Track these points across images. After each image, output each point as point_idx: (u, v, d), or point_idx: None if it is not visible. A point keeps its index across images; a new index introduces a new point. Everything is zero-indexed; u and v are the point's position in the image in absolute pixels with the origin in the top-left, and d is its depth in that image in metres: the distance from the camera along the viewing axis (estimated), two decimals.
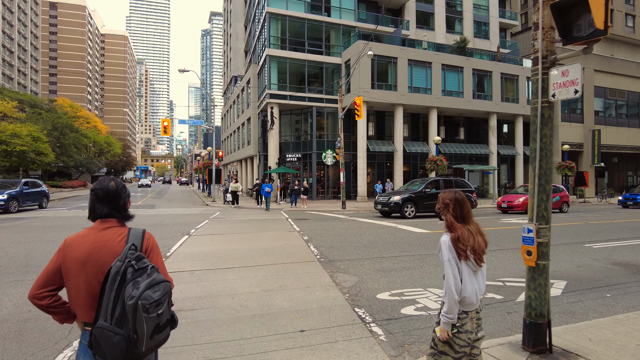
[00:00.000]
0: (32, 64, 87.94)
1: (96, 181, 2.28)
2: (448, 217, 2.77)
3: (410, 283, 6.79)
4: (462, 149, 35.18)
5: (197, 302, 5.70)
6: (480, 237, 2.71)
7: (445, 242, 2.65)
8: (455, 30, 38.57)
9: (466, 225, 2.72)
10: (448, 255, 2.60)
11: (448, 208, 2.79)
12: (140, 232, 2.18)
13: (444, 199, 2.84)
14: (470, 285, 2.61)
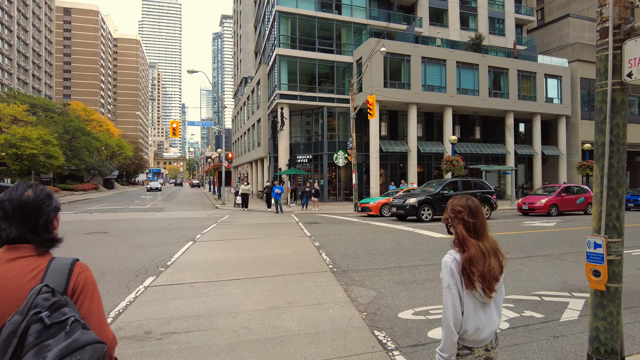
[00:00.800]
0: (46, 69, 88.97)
1: (6, 190, 1.57)
2: (459, 230, 2.15)
3: (436, 298, 6.00)
4: (478, 148, 34.11)
5: (194, 322, 5.00)
6: (495, 259, 2.12)
7: (447, 263, 2.08)
8: (470, 27, 37.51)
9: (480, 242, 2.12)
10: (448, 280, 2.05)
11: (459, 218, 2.18)
12: (66, 264, 1.49)
13: (454, 207, 2.21)
14: (475, 320, 2.06)
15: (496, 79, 33.55)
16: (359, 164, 30.01)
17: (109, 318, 5.11)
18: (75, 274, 1.48)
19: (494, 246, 2.16)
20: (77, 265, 1.52)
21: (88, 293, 1.48)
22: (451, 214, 2.22)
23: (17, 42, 75.06)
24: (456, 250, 2.13)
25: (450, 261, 2.07)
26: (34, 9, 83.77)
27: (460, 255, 2.09)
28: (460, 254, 2.10)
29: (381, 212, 19.38)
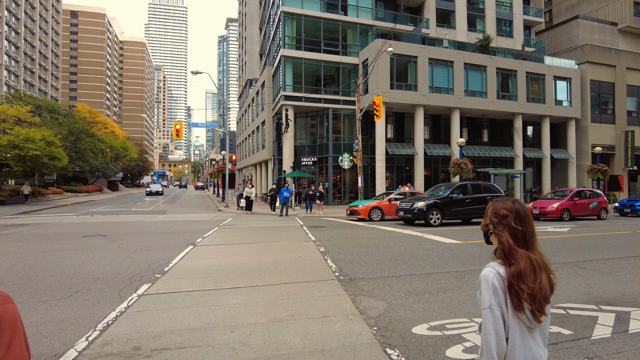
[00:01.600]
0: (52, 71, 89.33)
1: None
2: (505, 239, 1.76)
3: (451, 310, 5.52)
4: (486, 151, 33.54)
5: (188, 336, 4.55)
6: (545, 274, 1.74)
7: (488, 278, 1.69)
8: (477, 29, 37.03)
9: (529, 253, 1.74)
10: (490, 299, 1.66)
11: (504, 224, 1.79)
12: None
13: (497, 211, 1.81)
14: (522, 349, 1.67)
15: (504, 80, 33.01)
16: (365, 166, 29.54)
17: (96, 331, 4.68)
18: None
19: (544, 259, 1.76)
20: None
21: (4, 337, 1.04)
22: (494, 218, 1.81)
23: (24, 45, 75.38)
24: (499, 263, 1.73)
25: (492, 276, 1.67)
26: (41, 12, 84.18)
27: (505, 268, 1.69)
28: (504, 267, 1.69)
29: (370, 216, 18.73)
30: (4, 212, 23.73)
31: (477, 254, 9.70)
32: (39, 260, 8.90)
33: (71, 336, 4.56)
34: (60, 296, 6.13)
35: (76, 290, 6.46)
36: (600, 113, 35.37)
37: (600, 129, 35.04)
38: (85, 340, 4.42)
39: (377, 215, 18.84)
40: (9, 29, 69.88)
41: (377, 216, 18.82)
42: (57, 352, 4.16)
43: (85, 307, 5.62)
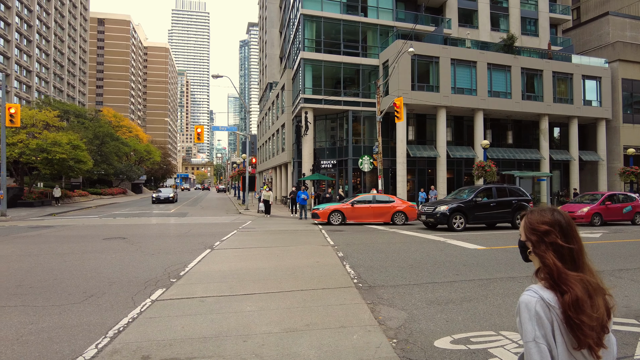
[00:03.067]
0: (80, 77, 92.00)
1: None
2: (550, 261, 1.46)
3: (476, 322, 5.18)
4: (511, 154, 32.60)
5: (199, 346, 4.37)
6: (601, 297, 1.45)
7: (530, 305, 1.41)
8: (501, 28, 36.12)
9: (581, 275, 1.44)
10: (534, 330, 1.38)
11: (547, 243, 1.49)
12: None
13: (535, 226, 1.51)
14: None
15: (529, 81, 32.04)
16: (385, 169, 29.11)
17: (107, 338, 4.55)
18: None
19: (598, 279, 1.47)
20: None
21: None
22: (532, 236, 1.52)
23: (53, 52, 77.87)
24: (542, 286, 1.44)
25: (534, 302, 1.39)
26: (70, 20, 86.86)
27: (554, 294, 1.40)
28: (551, 291, 1.41)
29: (329, 220, 18.25)
30: (32, 213, 24.36)
31: (503, 261, 9.26)
32: (58, 262, 8.95)
33: (81, 343, 4.45)
34: (74, 300, 6.07)
35: (91, 294, 6.40)
36: (633, 113, 33.92)
37: (633, 129, 33.59)
38: (94, 348, 4.30)
39: (337, 219, 18.36)
40: (39, 37, 72.33)
41: (336, 220, 18.35)
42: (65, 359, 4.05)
43: (98, 312, 5.53)
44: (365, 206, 18.80)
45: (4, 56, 61.33)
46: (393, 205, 18.79)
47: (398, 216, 18.52)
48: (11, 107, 20.85)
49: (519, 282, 7.28)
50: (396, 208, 18.65)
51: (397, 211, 18.56)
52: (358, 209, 18.68)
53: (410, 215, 18.61)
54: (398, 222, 18.46)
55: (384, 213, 18.63)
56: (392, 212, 18.56)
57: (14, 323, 5.08)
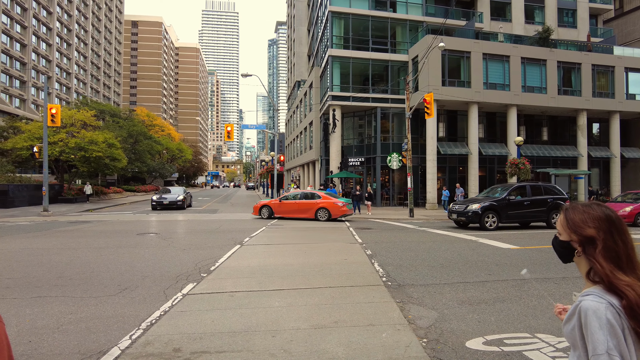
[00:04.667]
0: (115, 78, 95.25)
1: None
2: (598, 261, 1.34)
3: (510, 323, 5.01)
4: (546, 151, 31.46)
5: (228, 340, 4.42)
6: None
7: (599, 312, 1.26)
8: (536, 20, 34.85)
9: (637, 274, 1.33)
10: (606, 341, 1.22)
11: (596, 240, 1.36)
12: None
13: (578, 223, 1.39)
14: None
15: (566, 75, 30.77)
16: (415, 167, 28.68)
17: (140, 329, 4.68)
18: None
19: None
20: None
21: None
22: (576, 235, 1.40)
23: (91, 54, 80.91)
24: (602, 289, 1.32)
25: (603, 308, 1.26)
26: (106, 23, 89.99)
27: (617, 299, 1.29)
28: (616, 297, 1.29)
29: (260, 213, 19.92)
30: (71, 209, 25.43)
31: (538, 261, 8.94)
32: (94, 256, 9.29)
33: (116, 334, 4.59)
34: (110, 292, 6.27)
35: (125, 287, 6.60)
36: None
37: None
38: (128, 339, 4.42)
39: (265, 213, 19.87)
40: (78, 41, 75.31)
41: (265, 214, 19.84)
42: (101, 349, 4.18)
43: (131, 304, 5.69)
44: (291, 202, 19.81)
45: (46, 59, 64.20)
46: (317, 202, 19.22)
47: (321, 212, 18.94)
48: (52, 107, 21.79)
49: (555, 284, 7.01)
50: (319, 204, 19.06)
51: (320, 207, 18.97)
52: (285, 205, 19.79)
53: (333, 212, 18.79)
54: (321, 217, 18.87)
55: (308, 209, 19.27)
56: (316, 208, 19.07)
57: (55, 312, 5.30)
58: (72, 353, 4.09)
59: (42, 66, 62.67)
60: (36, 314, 5.24)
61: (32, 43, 59.42)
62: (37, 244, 11.02)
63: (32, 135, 29.88)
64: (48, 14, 64.89)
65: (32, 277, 7.22)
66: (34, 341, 4.37)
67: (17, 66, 56.98)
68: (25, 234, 13.22)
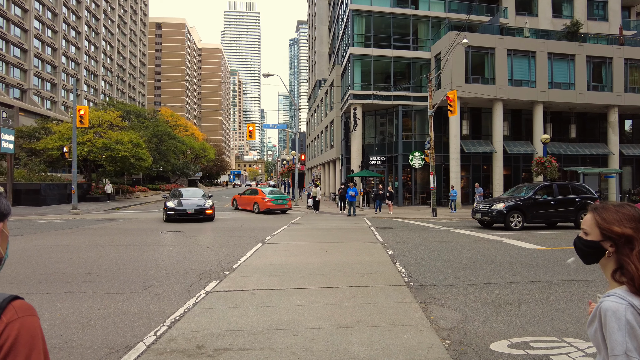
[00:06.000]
0: (140, 79, 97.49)
1: None
2: (634, 262, 1.28)
3: (536, 326, 4.89)
4: (574, 149, 30.52)
5: (250, 337, 4.47)
6: None
7: (619, 313, 1.23)
8: (564, 14, 33.80)
9: None
10: (625, 342, 1.20)
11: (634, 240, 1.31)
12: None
13: (616, 222, 1.34)
14: None
15: (596, 70, 29.75)
16: (438, 165, 28.29)
17: (164, 326, 4.77)
18: (1, 325, 0.93)
19: None
20: (9, 310, 0.95)
21: (20, 355, 0.92)
22: (610, 235, 1.35)
23: (117, 57, 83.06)
24: (626, 290, 1.28)
25: (623, 309, 1.23)
26: (131, 26, 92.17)
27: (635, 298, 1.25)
28: (638, 298, 1.25)
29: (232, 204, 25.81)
30: (98, 207, 26.18)
31: (565, 262, 8.68)
32: (121, 253, 9.54)
33: (142, 329, 4.69)
34: (135, 289, 6.43)
35: (150, 284, 6.74)
36: None
37: None
38: (153, 335, 4.51)
39: (234, 204, 25.56)
40: (105, 44, 77.42)
41: (234, 205, 25.52)
42: (128, 344, 4.29)
43: (156, 301, 5.81)
44: (244, 197, 24.33)
45: (75, 62, 66.24)
46: (254, 197, 22.99)
47: (255, 205, 22.63)
48: (81, 109, 22.48)
49: (584, 286, 6.79)
50: (254, 199, 22.83)
51: (254, 202, 22.78)
52: (241, 199, 24.66)
53: (261, 206, 22.07)
54: (254, 210, 22.63)
55: (250, 202, 23.25)
56: (253, 202, 22.93)
57: (84, 308, 5.47)
58: (101, 347, 4.21)
59: (71, 69, 64.70)
60: (67, 309, 5.41)
61: (62, 47, 61.39)
62: (67, 241, 11.39)
63: (62, 136, 30.85)
64: (77, 18, 66.92)
65: (63, 273, 7.47)
66: (65, 335, 4.52)
67: (48, 69, 58.99)
68: (56, 231, 13.69)
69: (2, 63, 49.07)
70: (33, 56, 54.44)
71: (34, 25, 54.35)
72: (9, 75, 50.29)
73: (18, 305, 0.99)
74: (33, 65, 54.51)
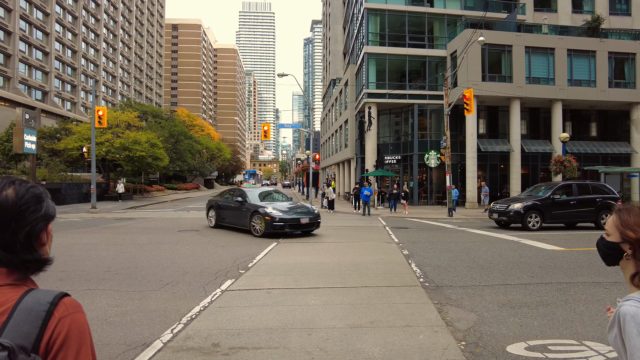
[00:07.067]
0: (156, 80, 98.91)
1: None
2: None
3: (555, 329, 4.79)
4: (594, 147, 29.83)
5: (265, 336, 4.49)
6: None
7: (638, 317, 1.19)
8: (584, 10, 33.07)
9: None
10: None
11: None
12: (44, 302, 1.00)
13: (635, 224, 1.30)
14: None
15: (619, 66, 29.01)
16: (454, 164, 27.96)
17: (181, 324, 4.84)
18: (54, 321, 0.97)
19: None
20: (60, 306, 0.99)
21: (71, 350, 0.96)
22: (628, 237, 1.32)
23: (134, 58, 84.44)
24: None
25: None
26: (148, 28, 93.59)
27: None
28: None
29: None
30: (116, 206, 26.67)
31: (585, 264, 8.50)
32: (138, 252, 9.70)
33: (158, 327, 4.76)
34: (152, 287, 6.53)
35: (167, 282, 6.84)
36: None
37: None
38: (170, 333, 4.58)
39: None
40: (122, 45, 78.78)
41: None
42: (145, 341, 4.36)
43: (173, 299, 5.89)
44: None
45: (94, 64, 67.59)
46: None
47: None
48: (99, 110, 22.94)
49: (605, 288, 6.64)
50: None
51: None
52: None
53: None
54: None
55: None
56: None
57: (102, 305, 5.59)
58: (119, 344, 4.29)
59: (90, 70, 66.04)
60: (86, 306, 5.51)
61: (81, 49, 62.70)
62: (86, 240, 11.64)
63: (81, 136, 31.53)
64: (96, 21, 68.26)
65: (82, 271, 7.64)
66: None
67: (68, 71, 60.30)
68: (76, 230, 14.00)
69: (25, 66, 50.36)
70: (54, 59, 55.72)
71: (55, 29, 55.62)
72: (31, 77, 51.60)
73: (68, 301, 1.03)
74: (54, 67, 55.79)
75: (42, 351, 0.94)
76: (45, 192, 1.13)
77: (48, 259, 1.11)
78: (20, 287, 1.02)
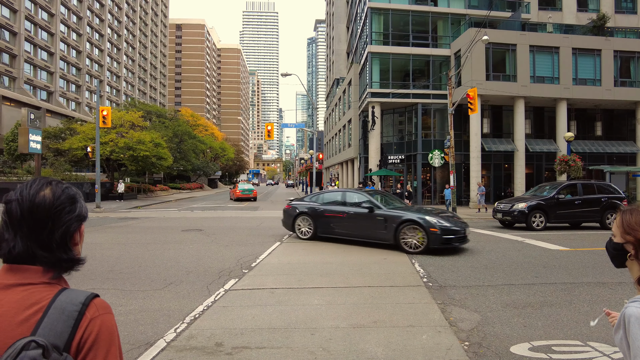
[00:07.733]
0: (160, 80, 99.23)
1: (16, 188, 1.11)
2: None
3: (559, 329, 4.77)
4: (599, 147, 29.62)
5: (268, 336, 4.50)
6: None
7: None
8: (590, 8, 32.82)
9: None
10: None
11: None
12: (77, 302, 1.03)
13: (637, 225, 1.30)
14: None
15: (624, 65, 28.78)
16: (458, 164, 27.85)
17: (184, 323, 4.85)
18: (85, 321, 1.00)
19: None
20: (92, 307, 1.02)
21: (101, 350, 0.99)
22: (630, 238, 1.32)
23: (138, 58, 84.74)
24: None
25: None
26: (152, 28, 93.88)
27: None
28: None
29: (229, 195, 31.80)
30: (121, 206, 26.77)
31: (590, 264, 8.45)
32: (142, 251, 9.73)
33: (162, 327, 4.78)
34: (156, 287, 6.55)
35: (170, 282, 6.87)
36: None
37: None
38: (173, 332, 4.59)
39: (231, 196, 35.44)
40: (126, 45, 79.09)
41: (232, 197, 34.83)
42: (149, 340, 4.37)
43: (176, 299, 5.91)
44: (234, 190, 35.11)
45: (99, 64, 67.89)
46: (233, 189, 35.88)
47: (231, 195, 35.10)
48: (103, 109, 23.02)
49: (610, 289, 6.60)
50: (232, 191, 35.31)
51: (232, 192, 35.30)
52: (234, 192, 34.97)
53: (235, 195, 34.07)
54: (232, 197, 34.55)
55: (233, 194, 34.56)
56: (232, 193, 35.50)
57: None
58: (123, 343, 4.27)
59: (94, 70, 66.32)
60: None
61: (86, 49, 62.99)
62: (91, 239, 11.70)
63: (86, 136, 31.67)
64: (100, 21, 68.56)
65: (87, 270, 7.66)
66: None
67: (73, 71, 60.60)
68: None
69: (30, 66, 50.66)
70: (59, 59, 56.00)
71: (59, 29, 55.90)
72: (36, 77, 51.90)
73: (99, 302, 1.06)
74: (59, 67, 56.09)
75: (74, 350, 0.97)
76: (78, 193, 1.16)
77: (81, 258, 1.15)
78: (54, 286, 1.06)
